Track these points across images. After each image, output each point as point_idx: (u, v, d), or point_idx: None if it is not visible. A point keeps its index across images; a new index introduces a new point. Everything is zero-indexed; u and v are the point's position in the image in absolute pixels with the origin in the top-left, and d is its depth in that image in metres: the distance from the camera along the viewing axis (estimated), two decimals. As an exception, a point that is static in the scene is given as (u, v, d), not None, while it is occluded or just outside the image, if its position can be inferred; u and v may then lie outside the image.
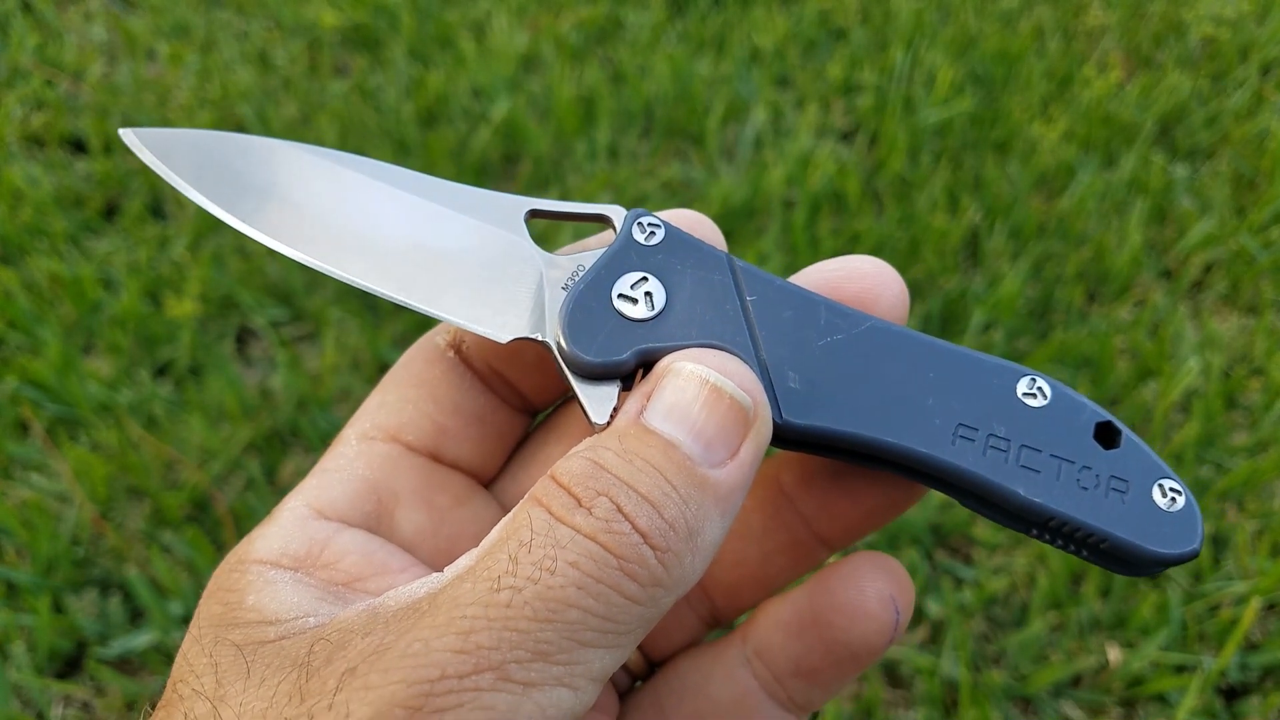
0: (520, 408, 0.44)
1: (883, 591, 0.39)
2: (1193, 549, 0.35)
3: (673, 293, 0.37)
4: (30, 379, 1.26)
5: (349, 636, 0.31)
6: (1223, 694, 1.08)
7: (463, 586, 0.30)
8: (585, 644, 0.29)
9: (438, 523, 0.41)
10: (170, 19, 1.92)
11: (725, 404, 0.33)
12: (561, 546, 0.30)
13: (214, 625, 0.34)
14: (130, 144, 0.40)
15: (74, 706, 1.02)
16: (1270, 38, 1.97)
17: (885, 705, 1.06)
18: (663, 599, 0.31)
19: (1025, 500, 0.35)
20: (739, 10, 2.02)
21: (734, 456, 0.33)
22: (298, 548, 0.37)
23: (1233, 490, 1.22)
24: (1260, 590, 1.11)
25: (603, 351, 0.36)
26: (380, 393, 0.42)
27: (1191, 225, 1.58)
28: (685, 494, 0.32)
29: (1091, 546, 0.36)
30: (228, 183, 0.39)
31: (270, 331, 1.36)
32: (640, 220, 0.39)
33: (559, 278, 0.38)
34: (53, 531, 1.11)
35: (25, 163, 1.58)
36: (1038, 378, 0.37)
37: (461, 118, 1.70)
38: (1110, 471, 0.36)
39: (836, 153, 1.68)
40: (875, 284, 0.39)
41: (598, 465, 0.32)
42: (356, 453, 0.40)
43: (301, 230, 0.39)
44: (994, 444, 0.36)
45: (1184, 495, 0.35)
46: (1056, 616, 1.11)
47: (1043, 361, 1.34)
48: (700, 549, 0.32)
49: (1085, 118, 1.76)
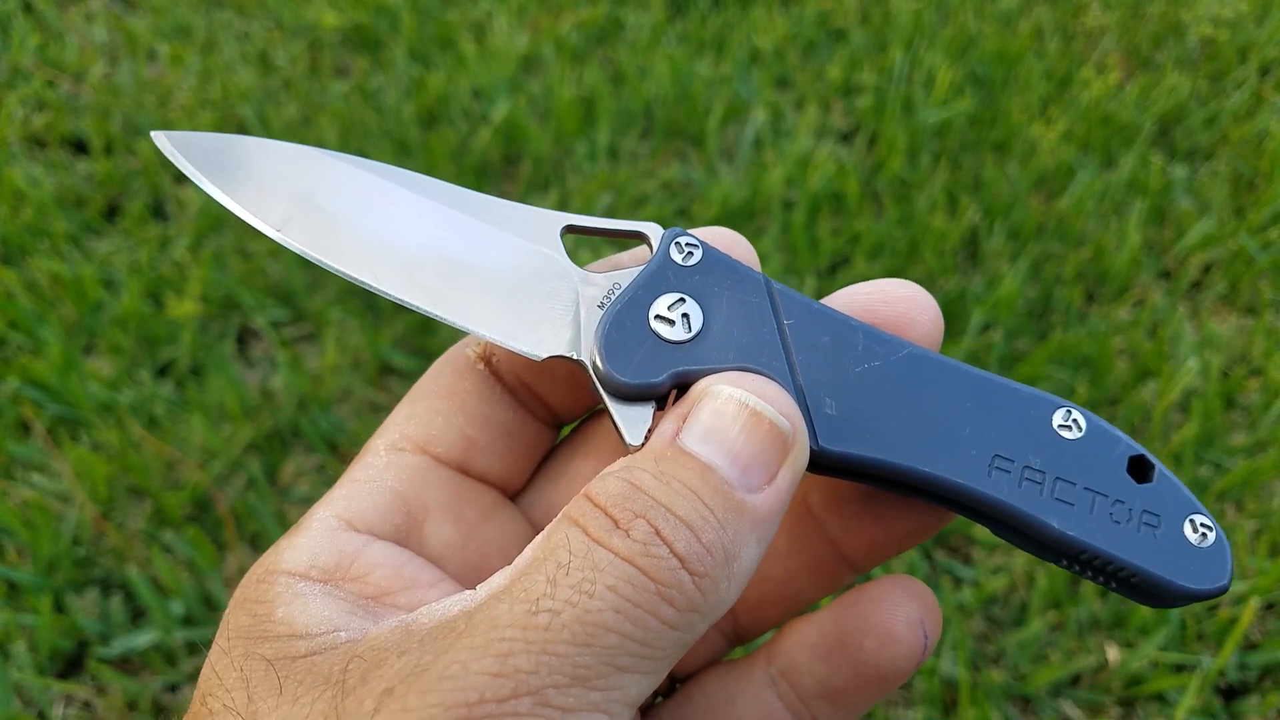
0: (548, 421, 0.44)
1: (912, 616, 0.39)
2: (1222, 585, 0.35)
3: (710, 315, 0.37)
4: (31, 379, 1.26)
5: (384, 655, 0.30)
6: (1221, 693, 1.08)
7: (499, 607, 0.30)
8: (622, 669, 0.29)
9: (466, 536, 0.40)
10: (171, 20, 1.92)
11: (764, 428, 0.33)
12: (600, 569, 0.30)
13: (243, 638, 0.33)
14: (162, 147, 0.40)
15: (75, 706, 1.02)
16: (1269, 38, 1.97)
17: (884, 704, 1.06)
18: (699, 624, 0.31)
19: (1059, 533, 0.35)
20: (739, 11, 2.02)
21: (771, 481, 0.33)
22: (327, 559, 0.36)
23: (1231, 490, 1.22)
24: (1259, 590, 1.11)
25: (639, 373, 0.36)
26: (409, 403, 0.42)
27: (1190, 226, 1.58)
28: (722, 518, 0.31)
29: (1122, 580, 0.36)
30: (262, 190, 0.39)
31: (271, 331, 1.36)
32: (678, 240, 0.38)
33: (595, 295, 0.38)
34: (54, 531, 1.11)
35: (26, 163, 1.58)
36: (1073, 409, 0.37)
37: (462, 118, 1.71)
38: (1143, 506, 0.36)
39: (836, 153, 1.68)
40: (910, 308, 0.39)
41: (634, 486, 0.32)
42: (386, 464, 0.40)
43: (337, 241, 0.39)
44: (1029, 476, 0.36)
45: (1214, 531, 0.36)
46: (1055, 616, 1.11)
47: (1042, 362, 1.34)
48: (737, 574, 0.32)
49: (1084, 118, 1.76)
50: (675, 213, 1.57)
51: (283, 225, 0.38)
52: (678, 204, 1.58)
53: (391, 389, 1.32)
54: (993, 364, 1.35)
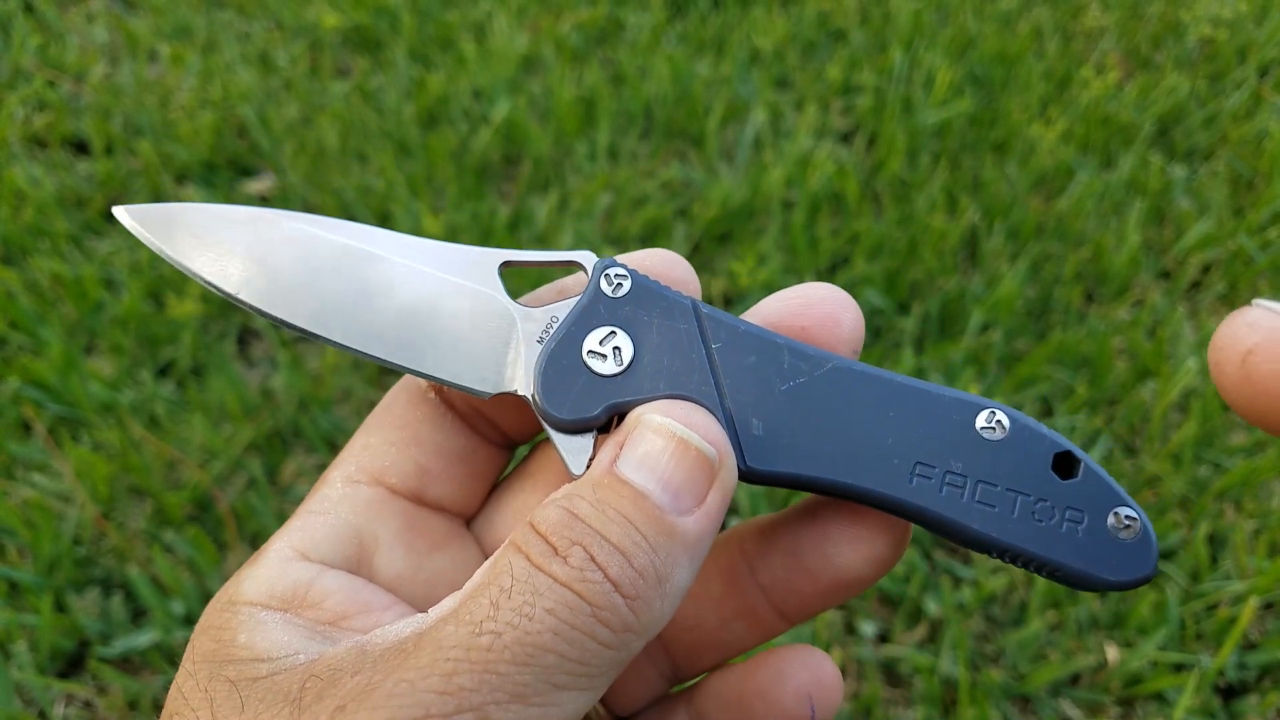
0: (500, 444, 0.46)
1: (801, 688, 0.41)
2: (1145, 575, 0.36)
3: (640, 345, 0.39)
4: (32, 379, 1.26)
5: (338, 674, 0.32)
6: (1220, 693, 1.08)
7: (446, 629, 0.32)
8: (560, 686, 0.31)
9: (415, 567, 0.42)
10: (172, 20, 1.92)
11: (692, 456, 0.35)
12: (540, 594, 0.32)
13: (207, 661, 0.35)
14: (124, 221, 0.42)
15: (76, 705, 1.02)
16: (1268, 39, 1.97)
17: (884, 704, 1.06)
18: (633, 643, 0.33)
19: (979, 534, 0.37)
20: (738, 12, 2.02)
21: (700, 504, 0.35)
22: (284, 589, 0.38)
23: (1231, 490, 1.22)
24: (1258, 589, 1.11)
25: (575, 409, 0.39)
26: (364, 434, 0.44)
27: (1190, 226, 1.58)
28: (655, 542, 0.34)
29: (1049, 572, 0.38)
30: (217, 253, 0.41)
31: (272, 332, 1.36)
32: (608, 272, 0.40)
33: (533, 331, 0.40)
34: (55, 531, 1.11)
35: (27, 163, 1.58)
36: (997, 410, 0.38)
37: (462, 119, 1.71)
38: (1066, 502, 0.37)
39: (835, 153, 1.68)
40: (834, 309, 0.41)
41: (573, 515, 0.34)
42: (341, 495, 0.42)
43: (287, 297, 0.41)
44: (950, 480, 0.38)
45: (1139, 522, 0.37)
46: (1055, 615, 1.11)
47: (1041, 362, 1.34)
48: (669, 594, 0.34)
49: (1084, 119, 1.76)
50: (675, 213, 1.57)
51: (240, 287, 0.41)
52: (678, 204, 1.58)
53: (391, 389, 1.32)
54: (992, 364, 1.35)
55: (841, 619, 1.12)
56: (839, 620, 1.11)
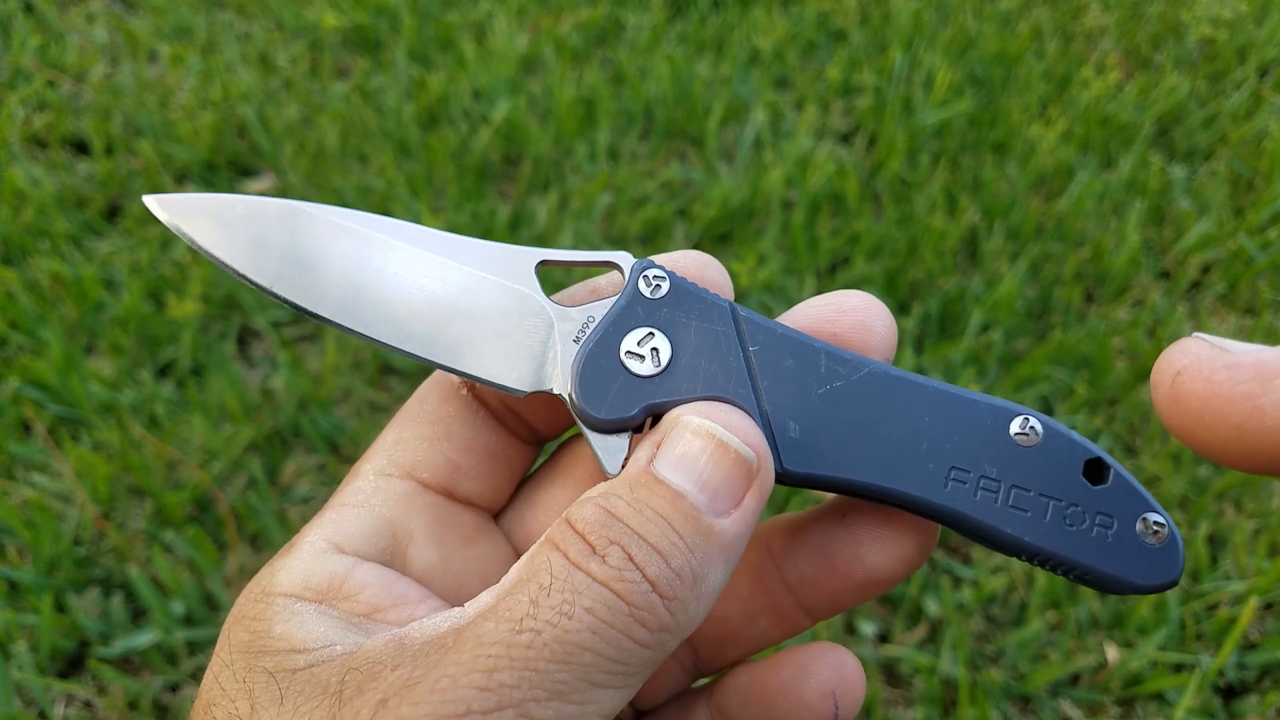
0: (530, 440, 0.46)
1: (824, 685, 0.42)
2: (1171, 579, 0.37)
3: (678, 346, 0.39)
4: (32, 379, 1.26)
5: (378, 668, 0.33)
6: (1220, 693, 1.08)
7: (486, 625, 0.32)
8: (597, 685, 0.32)
9: (446, 561, 0.42)
10: (172, 20, 1.92)
11: (730, 458, 0.36)
12: (578, 592, 0.32)
13: (244, 652, 0.35)
14: (153, 209, 0.42)
15: (76, 705, 1.03)
16: (1268, 39, 1.97)
17: (884, 703, 1.06)
18: (669, 642, 0.34)
19: (1013, 538, 0.38)
20: (738, 12, 2.02)
21: (737, 506, 0.35)
22: (319, 581, 0.38)
23: (1230, 490, 1.22)
24: (1258, 590, 1.11)
25: (613, 409, 0.39)
26: (396, 428, 0.44)
27: (1189, 226, 1.58)
28: (691, 543, 0.34)
29: (1078, 575, 0.39)
30: (252, 246, 0.41)
31: (272, 332, 1.36)
32: (646, 273, 0.40)
33: (570, 330, 0.40)
34: (55, 531, 1.11)
35: (27, 163, 1.58)
36: (1031, 417, 0.39)
37: (462, 119, 1.71)
38: (1097, 508, 0.38)
39: (835, 154, 1.69)
40: (866, 316, 0.41)
41: (610, 514, 0.34)
42: (374, 489, 0.42)
43: (323, 292, 0.41)
44: (985, 485, 0.38)
45: (1167, 528, 0.38)
46: (1055, 615, 1.11)
47: (1041, 362, 1.34)
48: (704, 594, 0.34)
49: (1084, 119, 1.76)
50: (675, 213, 1.57)
51: (274, 280, 0.41)
52: (678, 204, 1.58)
53: (392, 389, 1.32)
54: (992, 364, 1.35)
55: (841, 619, 1.12)
56: (839, 620, 1.11)
